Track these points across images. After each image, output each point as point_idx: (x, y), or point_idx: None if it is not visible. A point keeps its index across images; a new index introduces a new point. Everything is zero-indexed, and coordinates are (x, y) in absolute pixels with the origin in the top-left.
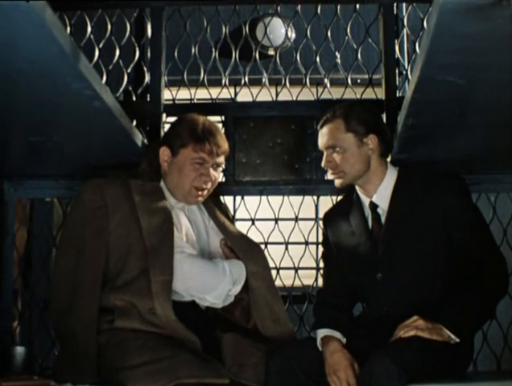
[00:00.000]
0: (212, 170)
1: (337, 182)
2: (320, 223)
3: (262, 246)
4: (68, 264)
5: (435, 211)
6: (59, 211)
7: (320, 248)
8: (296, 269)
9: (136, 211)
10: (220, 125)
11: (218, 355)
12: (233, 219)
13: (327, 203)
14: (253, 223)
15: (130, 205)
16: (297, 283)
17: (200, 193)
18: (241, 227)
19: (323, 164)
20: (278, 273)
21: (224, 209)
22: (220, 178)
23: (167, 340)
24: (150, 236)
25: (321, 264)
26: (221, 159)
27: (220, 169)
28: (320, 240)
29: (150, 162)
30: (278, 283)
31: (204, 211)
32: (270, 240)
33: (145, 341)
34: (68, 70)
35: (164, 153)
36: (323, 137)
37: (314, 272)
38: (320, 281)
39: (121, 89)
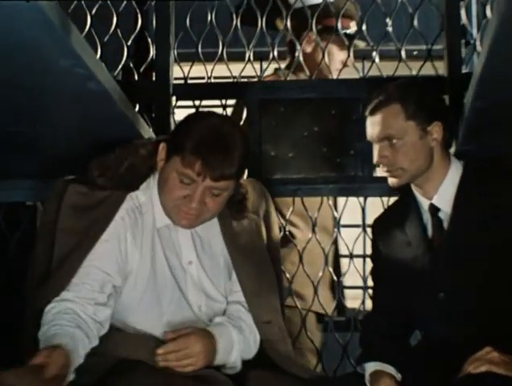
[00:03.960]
0: (202, 195)
1: (393, 182)
2: (368, 231)
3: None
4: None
5: (510, 215)
6: None
7: (369, 263)
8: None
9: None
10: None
11: None
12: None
13: (376, 205)
14: (283, 231)
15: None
16: None
17: (185, 215)
18: None
19: (375, 159)
20: (315, 292)
21: (248, 224)
22: (221, 205)
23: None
24: (55, 261)
25: (369, 282)
26: (219, 185)
27: (224, 196)
28: (368, 252)
29: (129, 163)
30: (315, 306)
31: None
32: (304, 252)
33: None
34: (54, 43)
35: (162, 150)
36: (375, 125)
37: (360, 291)
38: (368, 303)
39: (120, 66)
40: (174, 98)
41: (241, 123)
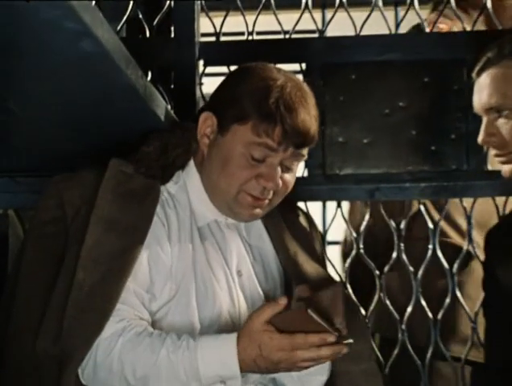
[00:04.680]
0: (280, 171)
1: (505, 171)
2: (478, 246)
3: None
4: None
5: None
6: (18, 232)
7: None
8: (436, 327)
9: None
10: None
11: None
12: (322, 250)
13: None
14: (358, 250)
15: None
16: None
17: (255, 202)
18: (336, 256)
19: (480, 138)
20: (402, 334)
21: (303, 229)
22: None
23: None
24: (86, 266)
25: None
26: (300, 154)
27: (296, 170)
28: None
29: (172, 146)
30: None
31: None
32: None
33: None
34: None
35: (207, 122)
36: (481, 91)
37: None
38: (478, 352)
39: (125, 18)
40: (201, 62)
41: None
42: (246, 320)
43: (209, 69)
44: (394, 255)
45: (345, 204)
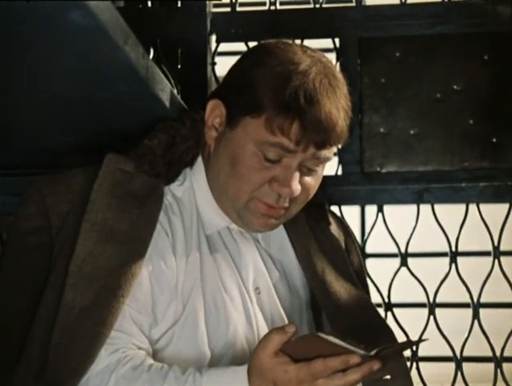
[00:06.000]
0: (299, 173)
1: None
2: None
3: (423, 312)
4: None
5: None
6: None
7: None
8: (498, 362)
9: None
10: (337, 68)
11: None
12: (362, 263)
13: None
14: (403, 264)
15: (81, 212)
16: None
17: (269, 211)
18: (377, 270)
19: None
20: (458, 366)
21: (335, 240)
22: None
23: None
24: (76, 284)
25: None
26: (324, 155)
27: (321, 173)
28: None
29: (182, 137)
30: None
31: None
32: (440, 300)
33: None
34: None
35: (215, 111)
36: None
37: None
38: None
39: None
40: (213, 38)
41: None
42: (252, 354)
43: (223, 46)
44: None
45: (388, 209)
